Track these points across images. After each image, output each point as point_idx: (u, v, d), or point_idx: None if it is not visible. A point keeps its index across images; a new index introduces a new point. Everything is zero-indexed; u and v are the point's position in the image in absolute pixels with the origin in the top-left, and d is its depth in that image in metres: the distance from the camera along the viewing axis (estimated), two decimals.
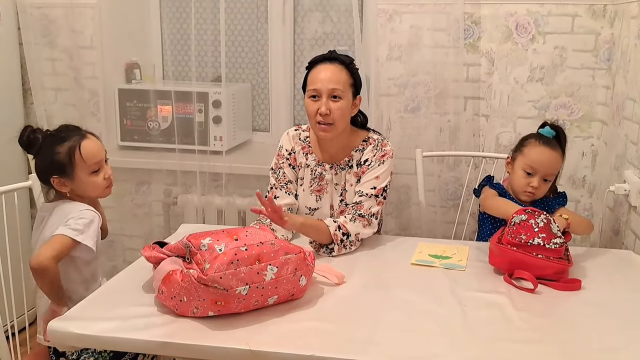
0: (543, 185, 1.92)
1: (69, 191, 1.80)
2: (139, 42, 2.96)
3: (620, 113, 2.22)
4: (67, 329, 1.40)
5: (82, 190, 1.81)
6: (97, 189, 1.83)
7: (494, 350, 1.33)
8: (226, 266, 1.39)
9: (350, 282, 1.67)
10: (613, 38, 2.38)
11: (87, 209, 1.78)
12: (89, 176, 1.79)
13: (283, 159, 2.06)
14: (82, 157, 1.77)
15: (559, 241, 1.69)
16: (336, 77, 1.90)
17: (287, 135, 2.09)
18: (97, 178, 1.81)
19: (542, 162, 1.90)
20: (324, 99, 1.89)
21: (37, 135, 1.80)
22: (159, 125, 2.79)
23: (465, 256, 1.85)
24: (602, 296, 1.61)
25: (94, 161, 1.80)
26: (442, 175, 2.60)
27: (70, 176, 1.78)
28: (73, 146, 1.77)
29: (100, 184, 1.82)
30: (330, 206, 2.05)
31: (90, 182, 1.80)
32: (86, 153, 1.78)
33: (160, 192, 2.86)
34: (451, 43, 2.45)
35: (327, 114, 1.88)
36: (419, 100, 2.55)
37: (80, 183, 1.79)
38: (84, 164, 1.78)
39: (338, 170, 2.02)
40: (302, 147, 2.06)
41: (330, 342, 1.36)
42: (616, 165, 2.23)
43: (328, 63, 1.93)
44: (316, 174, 2.03)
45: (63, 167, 1.77)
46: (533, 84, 2.49)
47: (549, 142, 1.93)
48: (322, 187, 2.03)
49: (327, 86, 1.89)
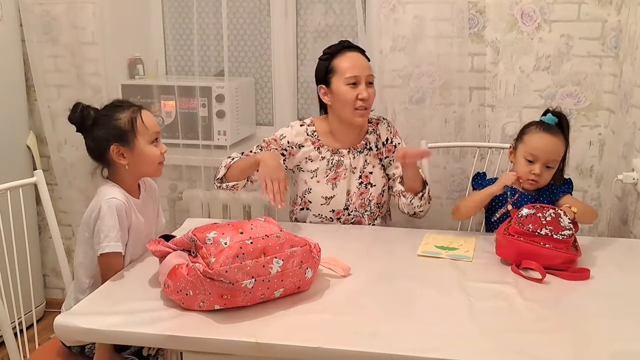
0: (546, 172, 1.91)
1: (127, 163, 1.74)
2: (141, 38, 2.96)
3: (628, 101, 2.20)
4: (74, 323, 1.41)
5: (139, 162, 1.76)
6: (153, 162, 1.78)
7: (502, 341, 1.32)
8: (232, 259, 1.39)
9: (357, 274, 1.66)
10: (620, 25, 2.35)
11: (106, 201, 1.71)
12: (149, 145, 1.76)
13: (277, 146, 2.08)
14: (144, 124, 1.75)
15: (567, 233, 1.67)
16: (368, 64, 2.02)
17: (292, 129, 2.09)
18: (156, 149, 1.79)
19: (542, 149, 1.89)
20: (363, 84, 1.98)
21: (89, 110, 1.76)
22: (163, 120, 2.79)
23: (472, 247, 1.84)
24: (610, 285, 1.60)
25: (154, 130, 1.78)
26: (448, 167, 2.58)
27: (131, 144, 1.74)
28: (135, 112, 1.75)
29: (157, 157, 1.79)
30: (347, 192, 2.07)
31: (149, 152, 1.76)
32: (148, 120, 1.76)
33: (165, 188, 2.85)
34: (455, 33, 2.43)
35: (368, 99, 1.98)
36: (423, 91, 2.53)
37: (139, 154, 1.75)
38: (146, 131, 1.75)
39: (356, 154, 2.07)
40: (313, 141, 2.08)
41: (336, 334, 1.35)
42: (624, 153, 2.21)
43: (354, 51, 2.02)
44: (333, 162, 2.06)
45: (124, 134, 1.73)
46: (539, 73, 2.47)
47: (550, 128, 1.91)
48: (338, 175, 2.07)
49: (366, 72, 1.99)
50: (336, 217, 2.09)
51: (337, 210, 2.08)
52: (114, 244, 1.69)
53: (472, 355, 1.27)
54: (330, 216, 2.10)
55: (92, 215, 1.72)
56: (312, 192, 2.08)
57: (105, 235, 1.68)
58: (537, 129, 1.92)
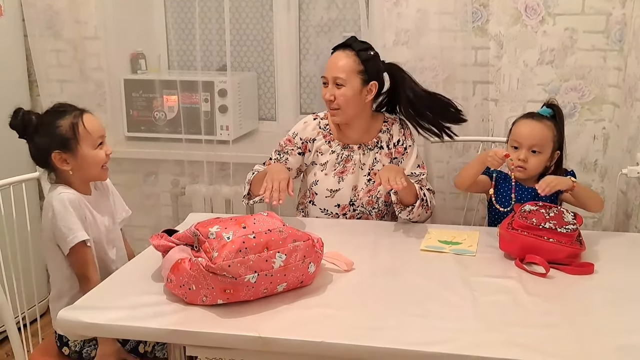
0: (532, 157, 1.91)
1: (71, 169, 1.73)
2: (143, 32, 2.95)
3: (633, 95, 2.18)
4: (77, 318, 1.41)
5: (83, 167, 1.74)
6: (97, 166, 1.76)
7: (506, 335, 1.32)
8: (234, 254, 1.39)
9: (360, 268, 1.66)
10: (625, 18, 2.34)
11: (56, 198, 1.70)
12: (92, 150, 1.74)
13: (293, 146, 2.08)
14: (86, 129, 1.72)
15: (571, 227, 1.66)
16: (341, 65, 1.97)
17: (305, 125, 2.11)
18: (100, 152, 1.76)
19: (525, 135, 1.91)
20: (330, 85, 1.99)
21: (31, 116, 1.73)
22: (165, 115, 2.78)
23: (475, 242, 1.83)
24: (615, 280, 1.59)
25: (98, 134, 1.76)
26: (451, 162, 2.57)
27: (74, 150, 1.72)
28: (76, 117, 1.73)
29: (102, 159, 1.76)
30: (354, 187, 2.07)
31: (93, 157, 1.74)
32: (90, 125, 1.74)
33: (167, 183, 2.85)
34: (459, 27, 2.41)
35: (332, 100, 1.99)
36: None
37: (82, 159, 1.73)
38: (88, 136, 1.73)
39: (366, 151, 2.07)
40: (324, 135, 2.09)
41: (339, 329, 1.35)
42: (628, 147, 2.20)
43: (340, 50, 2.01)
44: (342, 157, 2.07)
45: (66, 141, 1.71)
46: (543, 67, 2.46)
47: (534, 115, 1.94)
48: (346, 169, 2.07)
49: (331, 74, 1.98)
50: (341, 212, 2.09)
51: (343, 205, 2.08)
52: (81, 233, 1.68)
53: (475, 349, 1.27)
54: (335, 211, 2.09)
55: (48, 217, 1.70)
56: (318, 184, 2.09)
57: (69, 229, 1.67)
58: (521, 119, 1.97)
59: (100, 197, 1.86)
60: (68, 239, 1.67)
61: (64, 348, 1.77)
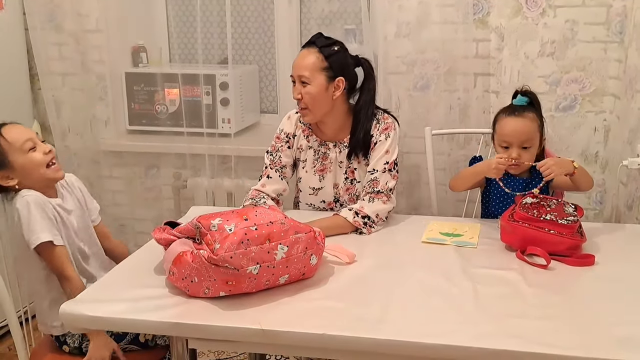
0: (524, 153, 1.89)
1: (18, 183, 1.71)
2: (144, 25, 2.94)
3: (633, 86, 2.18)
4: (79, 311, 1.41)
5: (27, 174, 1.71)
6: (39, 167, 1.72)
7: (507, 326, 1.32)
8: (236, 246, 1.39)
9: (361, 261, 1.66)
10: (625, 10, 2.33)
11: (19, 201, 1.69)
12: (25, 156, 1.70)
13: (282, 142, 2.06)
14: (7, 141, 1.69)
15: (572, 219, 1.67)
16: (303, 63, 1.94)
17: (289, 119, 2.09)
18: (36, 154, 1.72)
19: (512, 134, 1.88)
20: (297, 84, 1.95)
21: None
22: (167, 108, 2.78)
23: (476, 234, 1.84)
24: (616, 271, 1.59)
25: (22, 140, 1.70)
26: (452, 154, 2.57)
27: (8, 165, 1.69)
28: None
29: (41, 160, 1.72)
30: (334, 185, 2.05)
31: (29, 162, 1.70)
32: (10, 135, 1.70)
33: (169, 176, 2.86)
34: (460, 19, 2.41)
35: (299, 99, 1.95)
36: (428, 77, 2.52)
37: (21, 168, 1.70)
38: (13, 146, 1.69)
39: (342, 149, 2.02)
40: (303, 129, 2.07)
41: (341, 321, 1.36)
42: (629, 139, 2.20)
43: (305, 48, 1.98)
44: (319, 154, 2.04)
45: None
46: (544, 59, 2.45)
47: (516, 110, 1.91)
48: (325, 167, 2.04)
49: (296, 72, 1.95)
50: (328, 207, 2.08)
51: (328, 201, 2.07)
52: (44, 234, 1.66)
53: (477, 341, 1.27)
54: (322, 206, 2.08)
55: (15, 221, 1.70)
56: (302, 181, 2.08)
57: (31, 230, 1.67)
58: (504, 116, 1.92)
59: (68, 198, 1.84)
60: (31, 239, 1.67)
61: (64, 347, 1.79)
